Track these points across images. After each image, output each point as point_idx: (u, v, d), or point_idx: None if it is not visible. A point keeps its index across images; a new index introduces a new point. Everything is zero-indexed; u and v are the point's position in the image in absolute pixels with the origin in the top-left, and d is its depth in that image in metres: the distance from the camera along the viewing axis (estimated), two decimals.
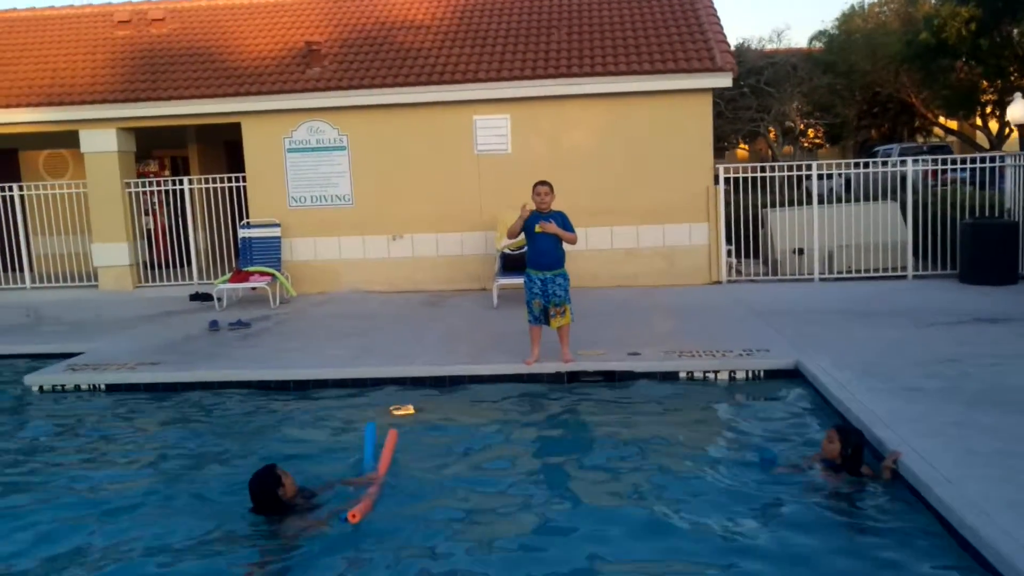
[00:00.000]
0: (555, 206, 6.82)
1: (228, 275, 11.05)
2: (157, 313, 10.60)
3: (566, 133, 11.43)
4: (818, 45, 29.98)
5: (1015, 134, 32.63)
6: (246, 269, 11.07)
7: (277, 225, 11.68)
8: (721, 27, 11.76)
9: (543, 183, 6.69)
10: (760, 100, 20.76)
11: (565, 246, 6.74)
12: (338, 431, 5.92)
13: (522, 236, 10.53)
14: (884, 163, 12.61)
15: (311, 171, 11.83)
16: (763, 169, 11.82)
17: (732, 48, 11.51)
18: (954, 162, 11.59)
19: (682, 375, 6.67)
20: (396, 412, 6.12)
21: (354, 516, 4.02)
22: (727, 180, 11.47)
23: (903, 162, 11.65)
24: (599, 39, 11.99)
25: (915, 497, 4.08)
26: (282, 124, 11.80)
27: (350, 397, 6.73)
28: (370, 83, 11.51)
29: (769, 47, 26.21)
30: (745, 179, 11.81)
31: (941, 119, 30.61)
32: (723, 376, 6.64)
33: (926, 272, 11.05)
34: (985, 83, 24.84)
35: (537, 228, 6.60)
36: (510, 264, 10.51)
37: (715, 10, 12.29)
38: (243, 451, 5.51)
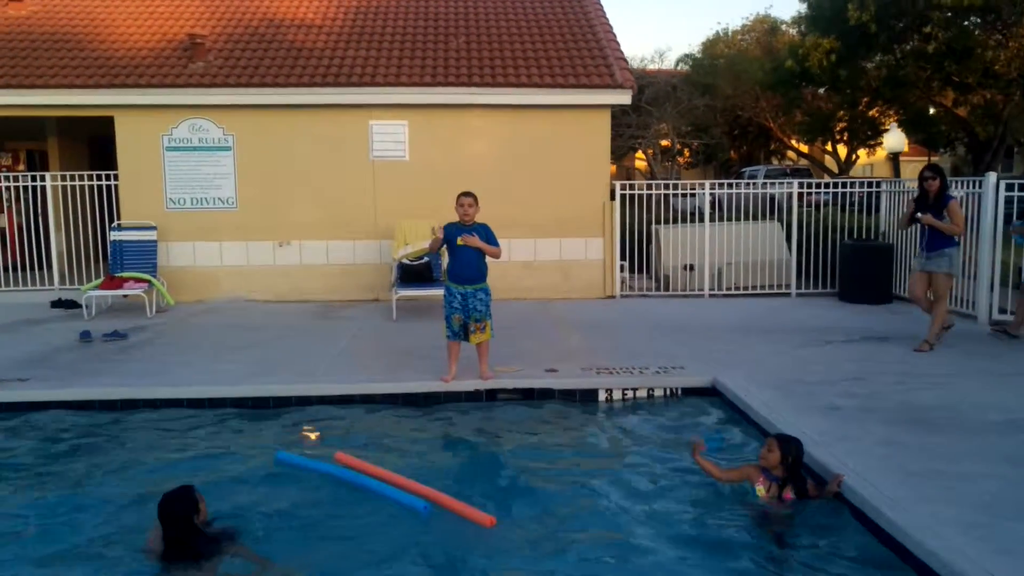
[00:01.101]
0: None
1: (97, 281, 10.15)
2: (15, 321, 9.60)
3: (465, 142, 11.23)
4: (684, 67, 31.26)
5: (861, 159, 35.28)
6: (119, 275, 10.21)
7: (153, 228, 10.85)
8: (618, 44, 11.92)
9: (467, 194, 6.45)
10: (640, 118, 21.28)
11: (489, 261, 6.52)
12: (242, 456, 5.43)
13: (423, 245, 10.49)
14: (776, 184, 13.16)
15: (192, 171, 11.08)
16: (658, 187, 12.03)
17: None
18: (839, 185, 12.26)
19: (601, 393, 6.57)
20: (308, 434, 5.70)
21: None
22: (622, 196, 11.58)
23: (788, 184, 12.16)
24: (498, 50, 11.88)
25: (857, 519, 4.10)
26: (161, 120, 11.00)
27: (252, 418, 6.22)
28: (260, 81, 10.91)
29: (651, 67, 27.00)
30: (633, 195, 11.98)
31: (794, 143, 32.54)
32: (641, 393, 6.59)
33: (807, 290, 11.54)
34: (841, 111, 26.53)
35: (459, 241, 6.36)
36: (409, 275, 10.20)
37: (611, 28, 12.44)
38: (141, 477, 4.96)
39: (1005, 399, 5.89)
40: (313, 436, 5.79)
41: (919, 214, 7.53)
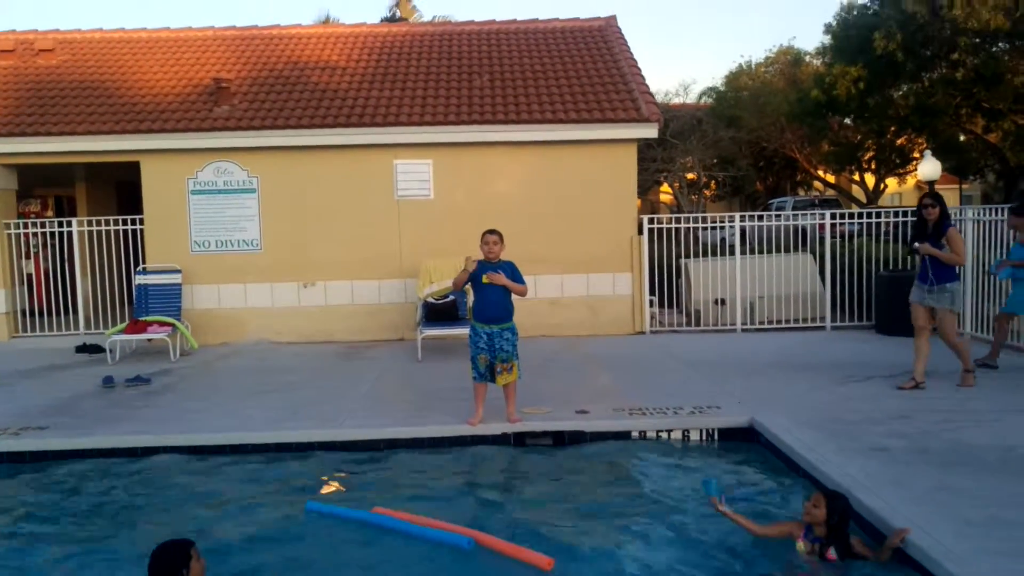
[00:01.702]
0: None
1: (121, 325, 10.10)
2: (39, 367, 9.56)
3: (490, 180, 11.13)
4: (708, 100, 31.15)
5: (890, 188, 34.84)
6: (143, 319, 10.16)
7: (178, 271, 10.82)
8: (644, 78, 11.81)
9: (492, 232, 6.31)
10: (666, 151, 21.17)
11: (514, 298, 6.35)
12: (267, 504, 5.25)
13: (447, 283, 10.35)
14: (812, 215, 12.91)
15: (217, 214, 11.07)
16: (687, 220, 11.83)
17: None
18: (871, 215, 12.01)
19: (634, 434, 6.32)
20: (333, 483, 5.52)
21: None
22: (650, 231, 11.39)
23: (820, 215, 11.93)
24: (522, 87, 11.82)
25: (916, 571, 3.82)
26: (186, 164, 11.03)
27: (275, 465, 6.04)
28: (284, 123, 10.92)
29: (676, 101, 26.94)
30: (662, 230, 11.79)
31: (821, 173, 32.19)
32: (676, 435, 6.33)
33: (842, 323, 11.22)
34: (869, 141, 26.22)
35: (485, 279, 6.20)
36: (434, 313, 10.05)
37: (636, 62, 12.35)
38: (158, 530, 4.79)
39: None
40: (336, 485, 5.59)
41: (917, 244, 7.19)
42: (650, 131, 10.99)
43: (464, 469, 5.87)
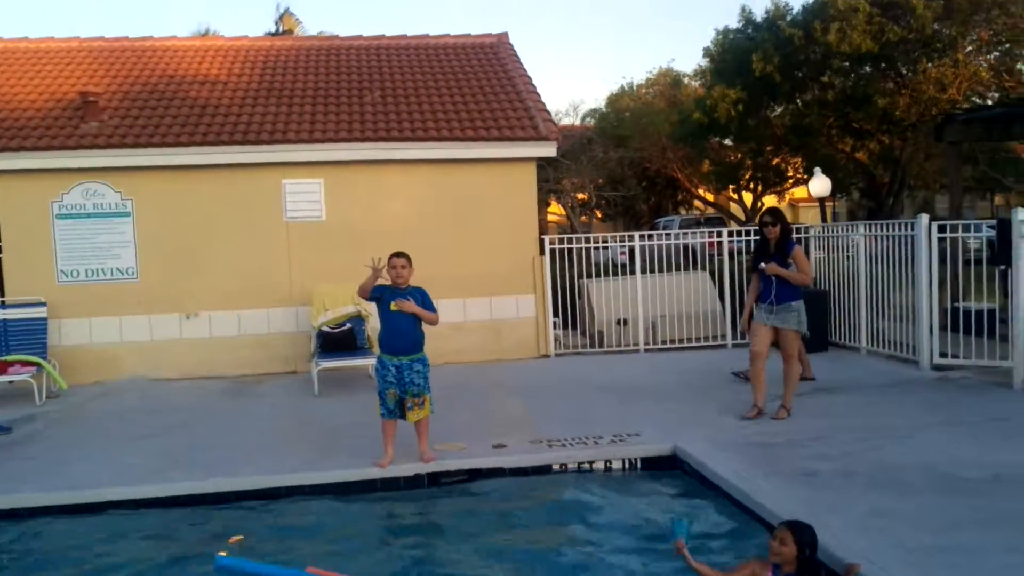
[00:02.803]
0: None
1: None
2: None
3: (385, 200, 10.66)
4: (591, 121, 31.59)
5: (766, 206, 36.28)
6: (2, 358, 9.14)
7: (42, 304, 9.83)
8: (539, 96, 11.64)
9: (400, 255, 5.89)
10: (556, 171, 21.17)
11: (424, 327, 5.93)
12: (158, 568, 4.63)
13: (343, 311, 9.81)
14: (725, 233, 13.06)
15: (87, 240, 10.14)
16: (587, 240, 11.71)
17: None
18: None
19: (555, 467, 6.01)
20: (232, 541, 4.94)
21: None
22: (551, 251, 11.18)
23: (718, 233, 12.04)
24: (416, 103, 11.43)
25: None
26: (50, 186, 10.06)
27: (159, 523, 5.39)
28: (160, 141, 10.13)
29: (565, 121, 27.14)
30: (561, 250, 11.61)
31: (702, 191, 33.16)
32: (598, 466, 6.07)
33: (743, 341, 11.26)
34: (749, 161, 27.16)
35: (393, 306, 5.76)
36: (330, 343, 9.49)
37: (531, 80, 12.19)
38: None
39: (981, 453, 5.61)
40: (233, 540, 5.01)
41: (763, 264, 6.76)
42: (548, 149, 10.81)
43: (377, 516, 5.39)
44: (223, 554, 4.31)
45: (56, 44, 12.90)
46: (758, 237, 7.18)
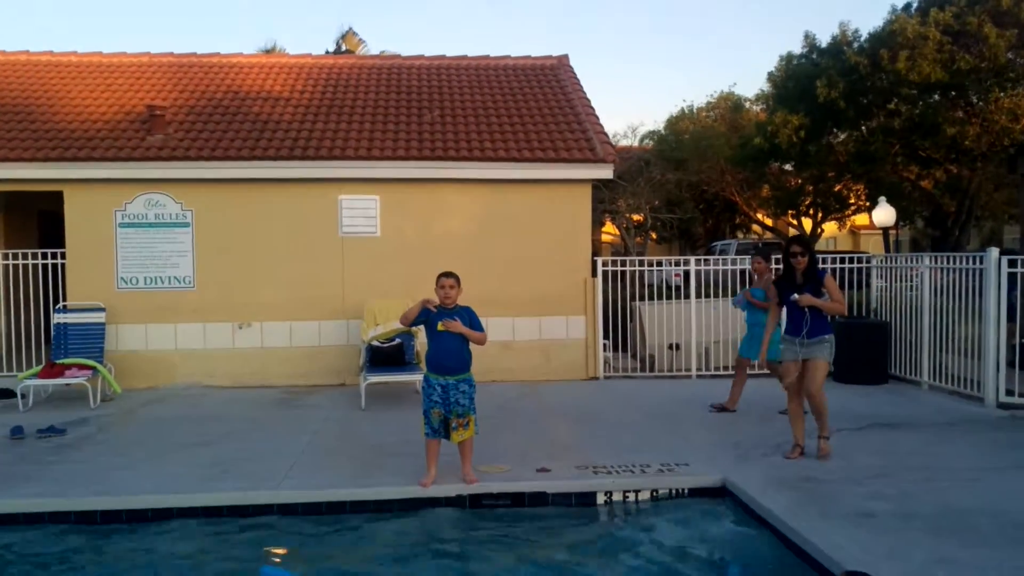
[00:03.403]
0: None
1: (36, 368, 9.28)
2: None
3: (440, 218, 10.68)
4: (649, 143, 31.38)
5: (826, 232, 35.50)
6: (60, 361, 9.36)
7: (102, 309, 10.05)
8: (598, 118, 11.56)
9: (448, 275, 5.85)
10: (612, 192, 21.04)
11: (472, 347, 5.87)
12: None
13: (394, 325, 9.81)
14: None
15: (146, 249, 10.36)
16: (641, 263, 11.55)
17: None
18: (825, 260, 11.81)
19: (600, 496, 5.87)
20: (275, 556, 4.92)
21: None
22: (604, 273, 11.05)
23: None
24: (474, 123, 11.46)
25: None
26: (114, 195, 10.31)
27: (202, 533, 5.40)
28: (222, 155, 10.31)
29: (624, 143, 27.03)
30: (614, 272, 11.45)
31: (760, 216, 32.63)
32: (644, 495, 5.90)
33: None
34: (809, 187, 26.65)
35: (440, 326, 5.71)
36: (379, 358, 9.50)
37: (590, 102, 12.13)
38: None
39: None
40: (278, 552, 4.99)
41: (796, 295, 6.38)
42: (605, 172, 10.71)
43: (417, 536, 5.32)
44: (278, 561, 4.31)
45: (128, 59, 13.30)
46: (780, 267, 6.97)
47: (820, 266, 6.69)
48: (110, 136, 10.70)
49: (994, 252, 8.49)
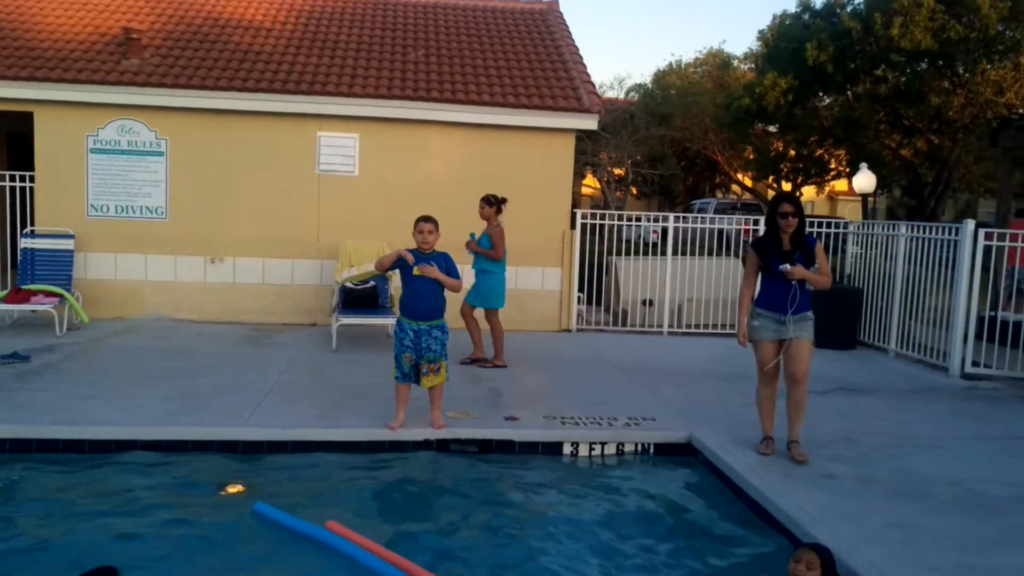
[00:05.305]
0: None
1: (2, 293, 9.13)
2: None
3: (420, 161, 10.53)
4: (635, 96, 31.08)
5: (804, 197, 35.58)
6: (26, 287, 9.19)
7: (70, 236, 9.86)
8: (585, 67, 11.38)
9: (427, 219, 5.77)
10: (595, 144, 20.86)
11: (447, 293, 5.82)
12: (158, 518, 4.59)
13: (369, 267, 9.71)
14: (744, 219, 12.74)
15: (119, 177, 10.12)
16: (620, 217, 11.50)
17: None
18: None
19: (566, 447, 5.90)
20: (230, 491, 4.91)
21: None
22: (582, 226, 10.99)
23: (750, 220, 11.76)
24: (459, 66, 11.23)
25: None
26: (87, 120, 10.03)
27: (164, 465, 5.36)
28: (199, 83, 10.03)
29: (609, 94, 26.73)
30: (593, 225, 11.39)
31: (740, 176, 32.60)
32: (610, 449, 5.94)
33: None
34: (792, 151, 26.61)
35: (416, 270, 5.64)
36: (352, 300, 9.43)
37: (578, 50, 11.92)
38: (31, 544, 4.11)
39: (1011, 471, 5.41)
40: (233, 490, 4.98)
41: (786, 266, 5.29)
42: (590, 122, 10.58)
43: (383, 477, 5.32)
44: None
45: None
46: (762, 227, 6.05)
47: (808, 230, 5.64)
48: (84, 57, 10.37)
49: (970, 224, 8.54)
